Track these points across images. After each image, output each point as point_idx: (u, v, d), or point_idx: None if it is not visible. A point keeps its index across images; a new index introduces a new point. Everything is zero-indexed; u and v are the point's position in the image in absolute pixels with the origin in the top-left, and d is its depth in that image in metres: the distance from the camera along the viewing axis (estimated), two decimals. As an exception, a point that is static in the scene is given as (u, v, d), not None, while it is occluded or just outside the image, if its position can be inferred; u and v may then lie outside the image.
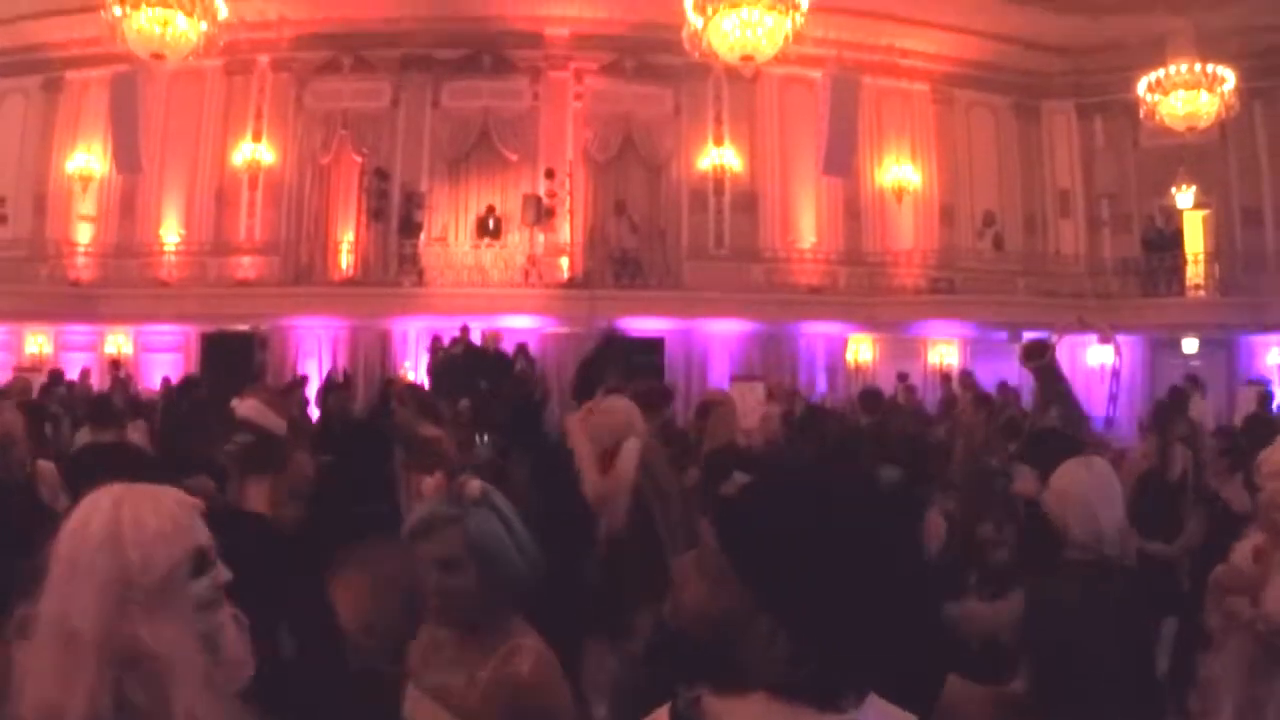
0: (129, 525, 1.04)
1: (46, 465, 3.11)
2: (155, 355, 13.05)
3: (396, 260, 12.22)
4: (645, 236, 12.05)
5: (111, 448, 3.31)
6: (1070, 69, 14.10)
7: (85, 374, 11.79)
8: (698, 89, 12.70)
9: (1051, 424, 4.61)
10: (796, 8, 9.95)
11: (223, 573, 1.10)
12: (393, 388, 7.37)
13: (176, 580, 1.05)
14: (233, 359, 11.76)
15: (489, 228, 12.04)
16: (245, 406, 2.34)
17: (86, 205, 13.59)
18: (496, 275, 11.92)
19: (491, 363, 10.13)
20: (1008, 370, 10.11)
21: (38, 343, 13.48)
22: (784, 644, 0.84)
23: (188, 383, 9.76)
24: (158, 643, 1.01)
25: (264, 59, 13.16)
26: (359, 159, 12.74)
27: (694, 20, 10.08)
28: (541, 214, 11.94)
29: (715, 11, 9.99)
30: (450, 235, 12.38)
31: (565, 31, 12.82)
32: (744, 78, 11.99)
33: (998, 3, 12.81)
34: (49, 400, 8.19)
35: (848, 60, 12.71)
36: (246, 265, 12.68)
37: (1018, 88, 14.19)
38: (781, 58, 10.58)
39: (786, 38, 10.15)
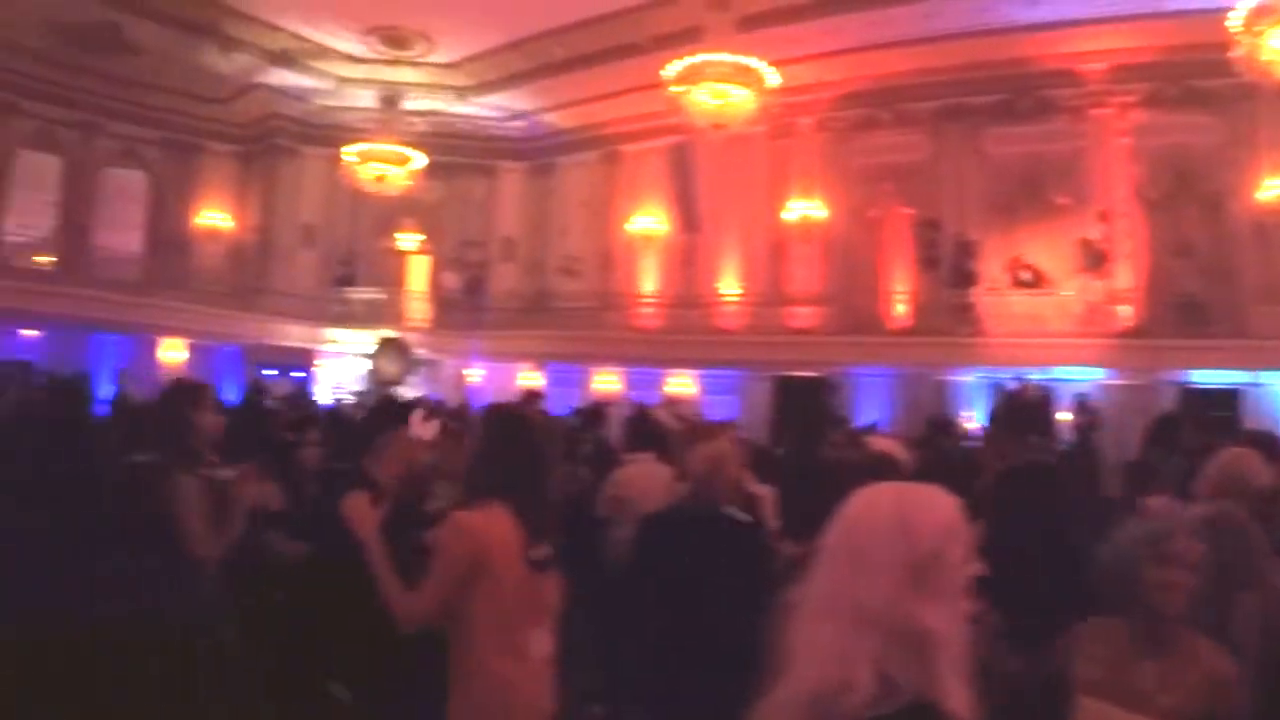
0: (915, 515, 1.70)
1: (762, 490, 5.57)
2: (715, 396, 21.31)
3: (950, 310, 19.02)
4: (1210, 279, 17.50)
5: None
6: None
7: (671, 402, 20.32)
8: (1250, 113, 16.63)
9: None
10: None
11: (974, 568, 1.73)
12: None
13: (952, 566, 1.69)
14: (806, 403, 19.37)
15: (1026, 279, 18.31)
16: (885, 444, 6.49)
17: (650, 261, 22.40)
18: (1052, 325, 18.25)
19: (1040, 415, 16.16)
20: None
21: (606, 381, 22.63)
22: None
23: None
24: (935, 620, 1.63)
25: (805, 121, 20.43)
26: (907, 211, 19.67)
27: (1244, 40, 12.66)
28: (1096, 259, 18.00)
29: (1265, 29, 12.64)
30: (1003, 284, 18.93)
31: (1102, 65, 17.84)
32: (1299, 98, 16.48)
33: None
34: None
35: None
36: (802, 315, 20.38)
37: None
38: (1346, 70, 14.71)
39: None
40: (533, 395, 14.12)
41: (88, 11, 19.00)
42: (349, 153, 20.30)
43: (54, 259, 23.24)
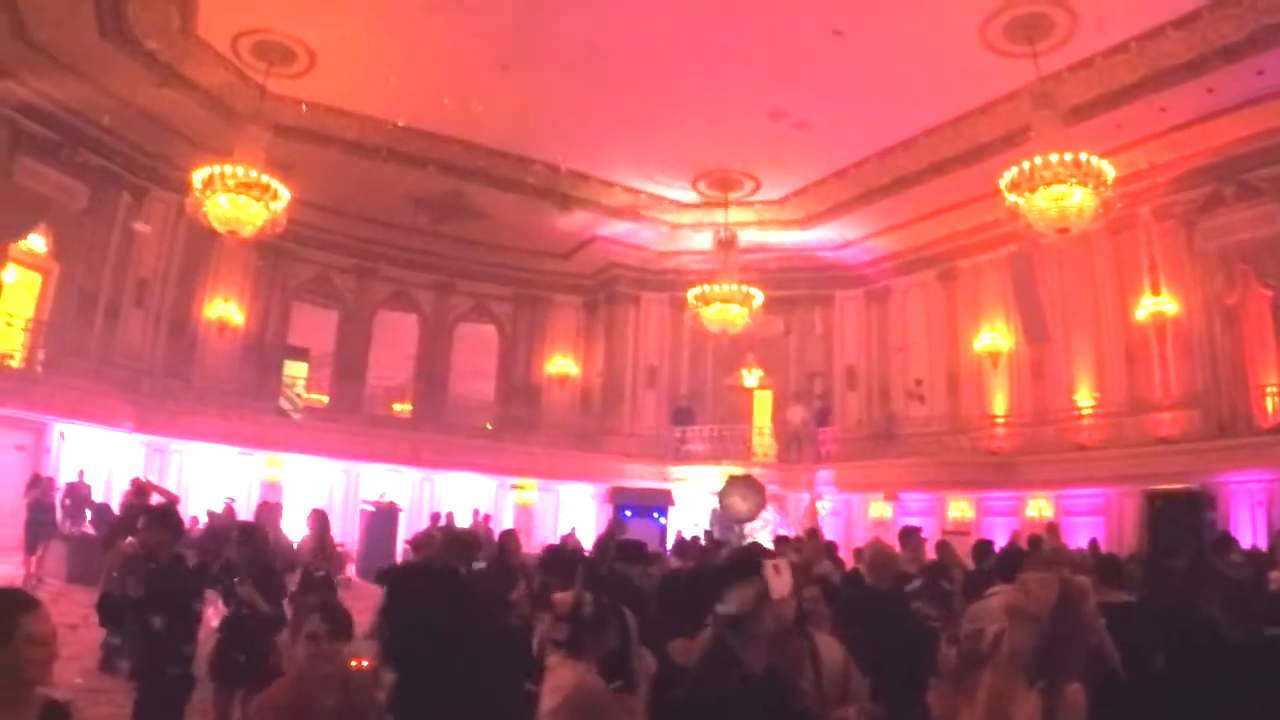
0: None
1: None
2: (1076, 518, 24.08)
3: (1329, 401, 21.24)
4: None
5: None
6: None
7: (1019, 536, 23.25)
8: None
9: None
10: None
11: None
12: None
13: None
14: (1177, 519, 21.63)
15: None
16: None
17: (998, 379, 26.14)
18: None
19: None
20: None
21: (960, 508, 26.08)
22: None
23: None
24: None
25: (1144, 209, 23.61)
26: (1267, 292, 22.01)
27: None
28: None
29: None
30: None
31: None
32: None
33: None
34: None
35: None
36: (1166, 421, 23.12)
37: None
38: None
39: None
40: (910, 531, 15.32)
41: (437, 183, 26.04)
42: (690, 296, 25.50)
43: (412, 407, 31.24)
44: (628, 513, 28.19)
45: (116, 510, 18.43)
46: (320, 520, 11.75)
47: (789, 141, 23.25)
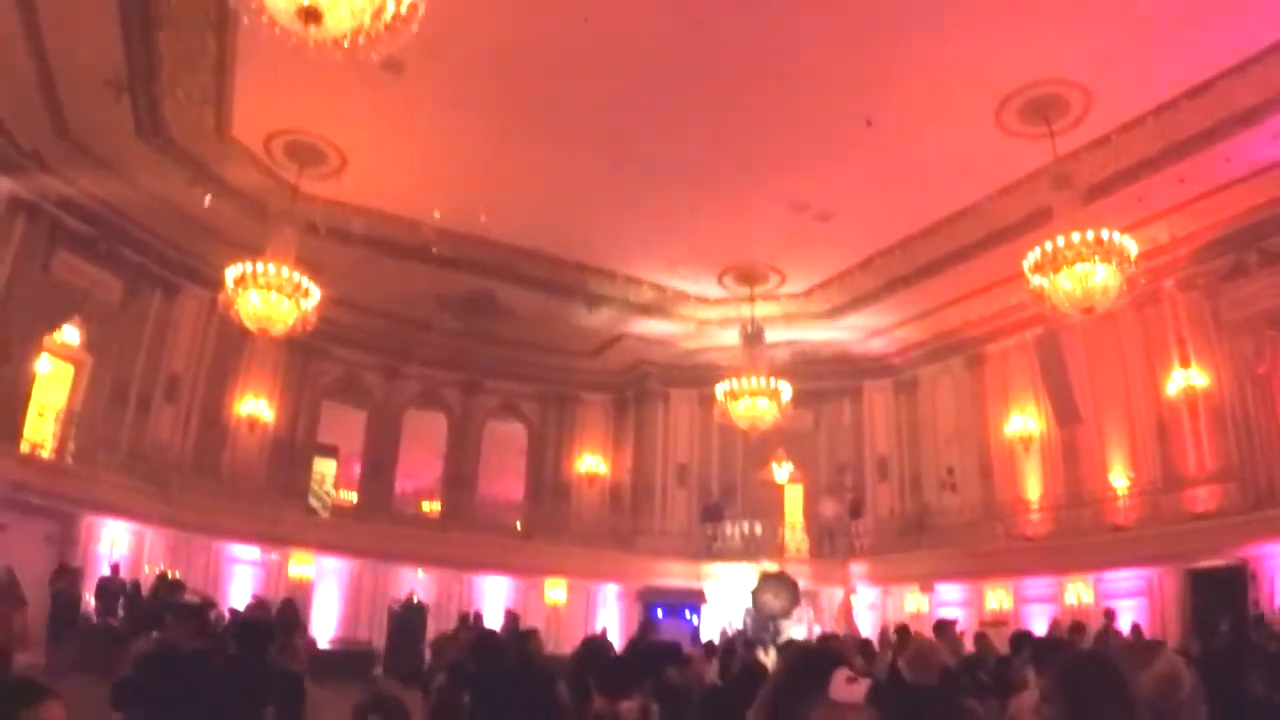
0: None
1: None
2: (1117, 601, 23.71)
3: (1360, 471, 20.98)
4: None
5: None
6: None
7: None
8: None
9: None
10: None
11: None
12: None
13: None
14: (1220, 596, 21.15)
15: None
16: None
17: (1031, 463, 26.01)
18: None
19: None
20: None
21: (997, 597, 25.71)
22: None
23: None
24: None
25: (1168, 283, 23.65)
26: (1299, 361, 22.05)
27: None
28: None
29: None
30: None
31: None
32: None
33: None
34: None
35: None
36: (1202, 496, 22.85)
37: None
38: None
39: None
40: (945, 624, 15.26)
41: (465, 283, 26.46)
42: (719, 392, 25.31)
43: (441, 506, 31.38)
44: (659, 612, 27.96)
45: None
46: (286, 611, 11.30)
47: (811, 233, 23.45)
